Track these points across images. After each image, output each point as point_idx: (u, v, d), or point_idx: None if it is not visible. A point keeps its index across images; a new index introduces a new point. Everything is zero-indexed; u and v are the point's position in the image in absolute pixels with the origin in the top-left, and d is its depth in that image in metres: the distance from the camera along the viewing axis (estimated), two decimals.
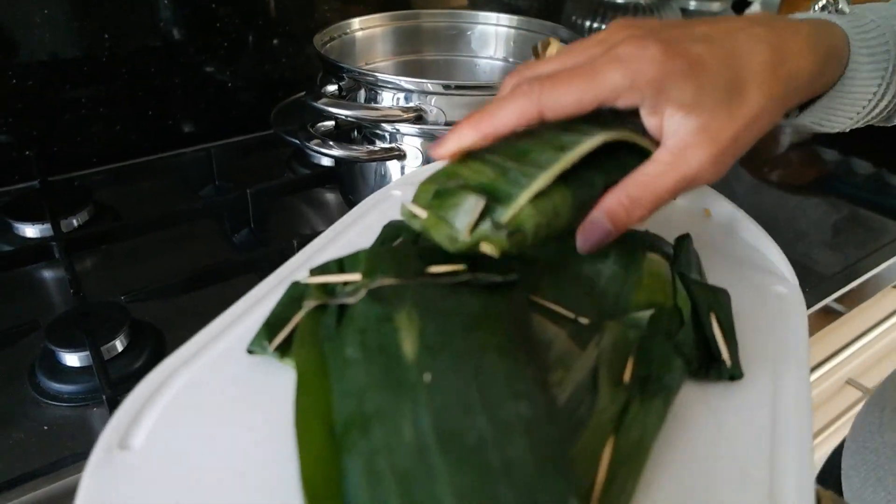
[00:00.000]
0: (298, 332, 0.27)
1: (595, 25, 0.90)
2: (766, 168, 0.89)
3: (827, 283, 0.61)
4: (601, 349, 0.27)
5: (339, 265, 0.30)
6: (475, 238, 0.27)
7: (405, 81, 0.49)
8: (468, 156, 0.30)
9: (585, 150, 0.29)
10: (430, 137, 0.50)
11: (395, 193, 0.45)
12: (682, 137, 0.30)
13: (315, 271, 0.30)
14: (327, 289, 0.29)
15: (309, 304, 0.27)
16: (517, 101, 0.29)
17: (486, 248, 0.27)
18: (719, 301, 0.31)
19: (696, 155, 0.30)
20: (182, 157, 0.77)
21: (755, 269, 0.37)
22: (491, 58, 0.68)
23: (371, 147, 0.50)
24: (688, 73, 0.29)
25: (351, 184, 0.60)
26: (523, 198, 0.28)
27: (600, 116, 0.31)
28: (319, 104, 0.48)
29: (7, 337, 0.47)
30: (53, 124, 0.69)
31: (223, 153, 0.79)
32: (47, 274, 0.57)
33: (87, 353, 0.44)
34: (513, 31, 0.67)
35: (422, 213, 0.29)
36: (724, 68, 0.30)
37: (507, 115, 0.29)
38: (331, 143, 0.50)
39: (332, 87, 0.53)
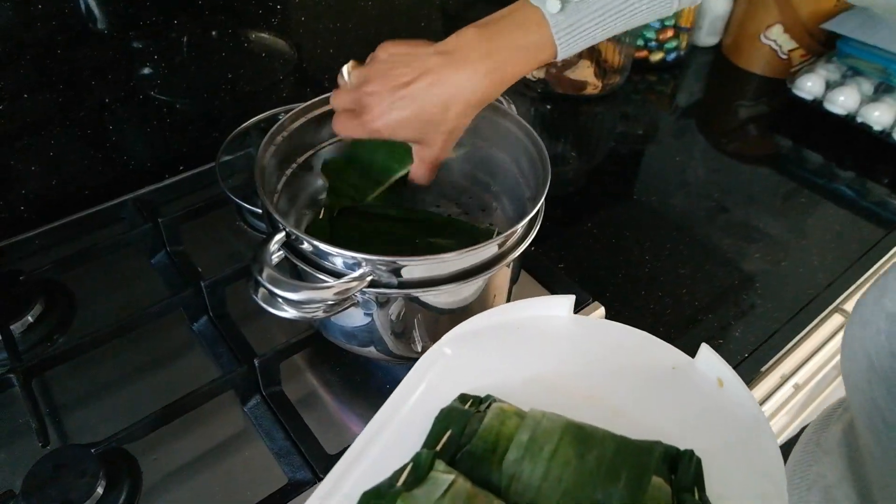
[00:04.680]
0: None
1: None
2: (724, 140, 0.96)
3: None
4: None
5: None
6: None
7: (349, 254, 0.47)
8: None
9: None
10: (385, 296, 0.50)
11: (447, 352, 0.44)
12: None
13: None
14: None
15: None
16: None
17: None
18: None
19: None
20: (124, 207, 0.73)
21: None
22: None
23: (328, 301, 0.49)
24: None
25: None
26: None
27: None
28: (265, 281, 0.46)
29: None
30: None
31: (168, 195, 0.75)
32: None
33: None
34: None
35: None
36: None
37: None
38: (280, 301, 0.48)
39: (280, 235, 0.50)
